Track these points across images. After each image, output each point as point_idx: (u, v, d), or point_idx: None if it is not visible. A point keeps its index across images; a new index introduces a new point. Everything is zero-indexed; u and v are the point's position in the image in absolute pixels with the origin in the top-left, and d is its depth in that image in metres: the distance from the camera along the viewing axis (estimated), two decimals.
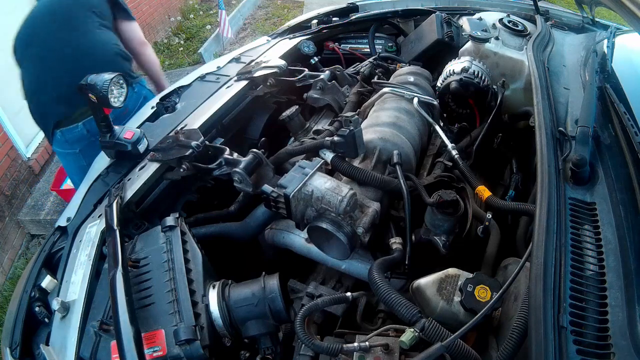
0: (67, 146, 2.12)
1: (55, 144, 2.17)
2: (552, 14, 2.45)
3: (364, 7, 2.72)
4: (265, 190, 1.19)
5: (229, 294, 1.10)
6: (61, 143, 2.13)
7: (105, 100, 1.43)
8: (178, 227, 1.18)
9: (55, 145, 2.17)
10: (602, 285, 0.90)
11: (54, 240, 1.41)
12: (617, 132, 1.28)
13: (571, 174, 1.12)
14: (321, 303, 1.10)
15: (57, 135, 2.10)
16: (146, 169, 1.46)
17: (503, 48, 1.86)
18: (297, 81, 1.96)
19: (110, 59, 2.12)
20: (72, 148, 2.12)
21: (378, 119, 1.58)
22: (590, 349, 0.80)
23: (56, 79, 2.04)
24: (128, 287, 1.00)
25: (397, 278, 1.31)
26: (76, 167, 2.12)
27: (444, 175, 1.45)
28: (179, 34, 6.26)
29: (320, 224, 1.19)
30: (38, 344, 1.14)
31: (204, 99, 1.82)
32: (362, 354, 0.97)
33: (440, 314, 1.05)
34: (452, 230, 1.28)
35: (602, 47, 1.71)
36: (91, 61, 2.05)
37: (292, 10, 7.22)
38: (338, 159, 1.39)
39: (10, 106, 3.30)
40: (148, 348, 0.96)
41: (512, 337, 0.87)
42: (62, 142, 2.12)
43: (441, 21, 2.21)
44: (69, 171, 2.38)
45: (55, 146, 2.19)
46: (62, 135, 2.09)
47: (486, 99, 1.72)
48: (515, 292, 1.03)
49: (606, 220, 1.02)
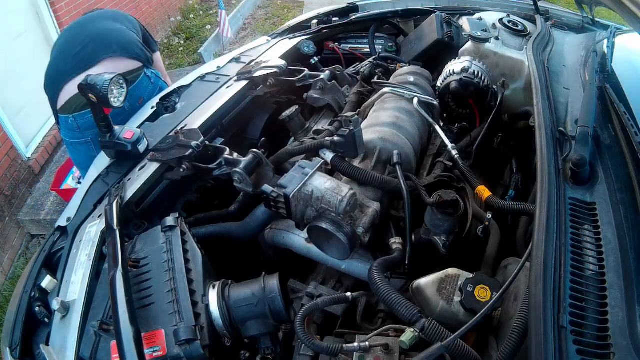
0: (78, 134, 2.09)
1: (66, 132, 2.13)
2: (552, 14, 2.45)
3: (364, 7, 2.73)
4: (265, 190, 1.19)
5: (229, 294, 1.10)
6: (73, 130, 2.09)
7: (105, 100, 1.43)
8: (178, 227, 1.18)
9: (66, 133, 2.14)
10: (602, 285, 0.90)
11: (54, 240, 1.41)
12: (617, 132, 1.28)
13: (571, 174, 1.12)
14: (321, 303, 1.10)
15: (69, 120, 2.06)
16: (146, 169, 1.46)
17: (503, 48, 1.86)
18: (297, 81, 1.96)
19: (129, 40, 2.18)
20: (83, 136, 2.08)
21: (378, 119, 1.58)
22: (590, 349, 0.80)
23: (78, 46, 2.07)
24: (128, 287, 1.00)
25: (397, 278, 1.31)
26: (86, 157, 2.05)
27: (444, 175, 1.45)
28: (179, 34, 6.26)
29: (320, 224, 1.19)
30: (38, 344, 1.14)
31: (204, 99, 1.82)
32: (362, 354, 0.97)
33: (440, 314, 1.05)
34: (452, 230, 1.28)
35: (602, 47, 1.71)
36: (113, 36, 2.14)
37: (292, 10, 7.22)
38: (338, 159, 1.39)
39: (10, 106, 3.30)
40: (148, 348, 0.96)
41: (512, 337, 0.87)
42: (74, 128, 2.08)
43: (441, 21, 2.21)
44: (79, 163, 2.34)
45: (66, 134, 2.15)
46: (75, 121, 2.05)
47: (486, 99, 1.72)
48: (515, 292, 1.03)
49: (606, 220, 1.02)
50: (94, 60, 2.04)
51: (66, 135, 2.16)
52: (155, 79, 2.28)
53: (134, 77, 2.14)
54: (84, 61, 2.03)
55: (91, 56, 2.04)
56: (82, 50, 2.05)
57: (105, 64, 2.04)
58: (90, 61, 2.03)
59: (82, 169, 2.33)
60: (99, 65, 2.03)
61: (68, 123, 2.08)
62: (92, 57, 2.04)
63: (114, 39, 2.14)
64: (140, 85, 2.17)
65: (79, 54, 2.05)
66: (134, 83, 2.12)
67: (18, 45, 3.52)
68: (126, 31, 2.21)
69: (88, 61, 2.03)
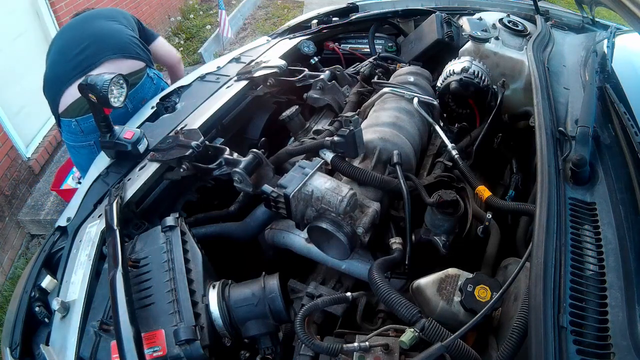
0: (81, 138, 2.06)
1: (69, 136, 2.10)
2: (552, 14, 2.45)
3: (364, 7, 2.73)
4: (265, 190, 1.19)
5: (229, 294, 1.10)
6: (76, 133, 2.06)
7: (105, 100, 1.43)
8: (178, 227, 1.18)
9: (69, 136, 2.10)
10: (602, 285, 0.90)
11: (54, 240, 1.41)
12: (617, 132, 1.28)
13: (571, 174, 1.12)
14: (321, 303, 1.10)
15: (72, 125, 2.03)
16: (146, 169, 1.46)
17: (503, 48, 1.86)
18: (297, 81, 1.96)
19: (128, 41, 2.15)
20: (86, 139, 2.06)
21: (378, 119, 1.58)
22: (590, 349, 0.80)
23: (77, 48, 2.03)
24: (128, 287, 1.00)
25: (397, 278, 1.31)
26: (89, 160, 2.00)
27: (444, 175, 1.45)
28: (179, 34, 6.26)
29: (320, 224, 1.19)
30: (38, 344, 1.14)
31: (204, 99, 1.82)
32: (362, 354, 0.97)
33: (440, 314, 1.05)
34: (452, 230, 1.28)
35: (602, 47, 1.71)
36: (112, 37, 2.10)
37: (292, 10, 7.22)
38: (338, 159, 1.39)
39: (10, 106, 3.30)
40: (148, 348, 0.96)
41: (512, 337, 0.87)
42: (77, 132, 2.05)
43: (441, 21, 2.21)
44: (81, 166, 2.27)
45: (68, 138, 2.12)
46: (78, 125, 2.02)
47: (486, 99, 1.72)
48: (515, 292, 1.03)
49: (606, 220, 1.02)
50: (94, 62, 2.00)
51: (68, 139, 2.13)
52: (157, 79, 2.26)
53: (137, 79, 2.11)
54: (85, 63, 1.99)
55: (92, 58, 2.00)
56: (82, 52, 2.01)
57: (107, 65, 2.01)
58: (91, 63, 1.99)
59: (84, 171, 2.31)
60: (101, 67, 1.99)
61: (71, 127, 2.05)
62: (93, 59, 2.00)
63: (114, 39, 2.10)
64: (143, 86, 2.15)
65: (78, 56, 2.00)
66: (137, 84, 2.10)
67: (18, 45, 3.52)
68: (125, 30, 2.18)
69: (89, 63, 1.99)
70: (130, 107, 2.03)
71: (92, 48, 2.03)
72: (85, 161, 2.13)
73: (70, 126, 2.04)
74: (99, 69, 1.99)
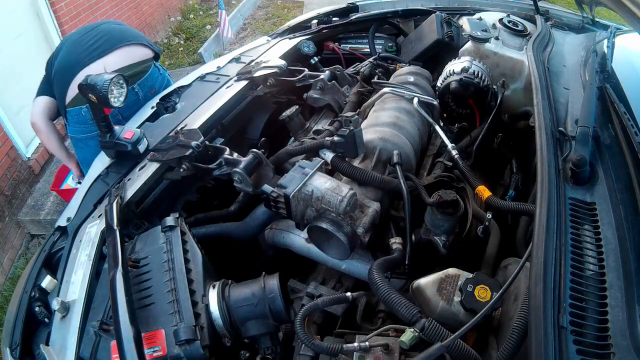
0: (90, 127, 2.04)
1: (76, 127, 2.08)
2: (552, 14, 2.45)
3: (364, 7, 2.73)
4: (265, 190, 1.19)
5: (229, 294, 1.10)
6: (84, 122, 2.04)
7: (105, 100, 1.43)
8: (178, 227, 1.18)
9: (76, 128, 2.08)
10: (602, 285, 0.90)
11: (54, 240, 1.41)
12: (617, 132, 1.28)
13: (571, 174, 1.12)
14: (321, 303, 1.10)
15: (82, 112, 2.01)
16: (146, 169, 1.46)
17: (503, 48, 1.86)
18: (297, 81, 1.96)
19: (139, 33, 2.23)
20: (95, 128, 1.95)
21: (378, 119, 1.58)
22: (590, 349, 0.80)
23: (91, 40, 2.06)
24: (128, 287, 1.00)
25: (397, 278, 1.31)
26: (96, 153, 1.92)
27: (444, 175, 1.45)
28: (179, 34, 6.26)
29: (320, 224, 1.19)
30: (38, 344, 1.14)
31: (204, 99, 1.82)
32: (362, 354, 0.97)
33: (440, 314, 1.05)
34: (452, 230, 1.28)
35: (602, 47, 1.71)
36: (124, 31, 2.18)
37: (292, 10, 7.22)
38: (338, 159, 1.39)
39: (10, 106, 3.30)
40: (148, 348, 0.96)
41: (512, 337, 0.87)
42: (86, 121, 2.03)
43: (441, 21, 2.21)
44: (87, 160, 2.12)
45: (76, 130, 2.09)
46: (88, 111, 1.99)
47: (486, 99, 1.72)
48: (515, 292, 1.03)
49: (606, 220, 1.02)
50: (109, 47, 2.04)
51: (75, 132, 2.11)
52: (163, 71, 2.31)
53: (146, 67, 2.16)
54: (100, 48, 2.03)
55: (107, 44, 2.05)
56: (97, 42, 2.05)
57: (123, 50, 2.06)
58: (107, 48, 2.04)
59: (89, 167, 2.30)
60: (115, 52, 2.04)
61: (81, 115, 2.03)
62: (108, 45, 2.05)
63: (126, 32, 2.17)
64: (152, 75, 2.19)
65: (93, 45, 2.04)
66: (146, 72, 2.15)
67: (18, 45, 3.52)
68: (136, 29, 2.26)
69: (105, 48, 2.03)
70: (141, 94, 2.10)
71: (107, 37, 2.08)
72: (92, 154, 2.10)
73: (80, 114, 2.03)
74: (114, 54, 2.04)
